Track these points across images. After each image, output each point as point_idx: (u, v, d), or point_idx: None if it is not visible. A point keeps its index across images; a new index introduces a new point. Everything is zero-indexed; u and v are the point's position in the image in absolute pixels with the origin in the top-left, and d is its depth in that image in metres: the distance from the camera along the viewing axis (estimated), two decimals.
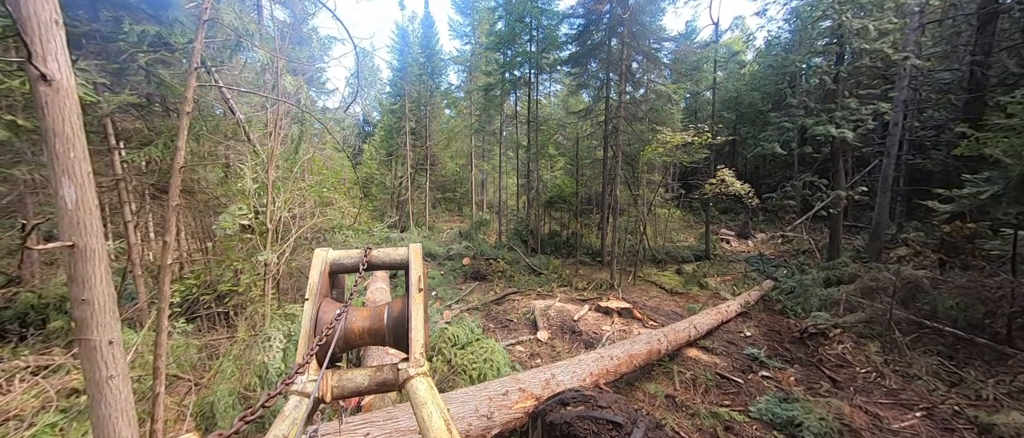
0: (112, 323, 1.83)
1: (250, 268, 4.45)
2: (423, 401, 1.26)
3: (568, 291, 9.23)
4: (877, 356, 5.47)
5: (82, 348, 1.75)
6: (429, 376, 1.38)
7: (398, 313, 1.51)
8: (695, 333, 6.03)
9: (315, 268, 1.56)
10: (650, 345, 4.99)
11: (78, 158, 1.63)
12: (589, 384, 3.98)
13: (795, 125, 10.77)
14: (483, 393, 3.19)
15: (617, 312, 7.22)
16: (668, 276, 11.25)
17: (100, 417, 1.84)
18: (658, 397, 4.60)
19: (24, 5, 1.44)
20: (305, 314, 1.45)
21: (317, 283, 1.51)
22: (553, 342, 6.36)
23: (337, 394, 1.38)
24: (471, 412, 2.90)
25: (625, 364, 4.50)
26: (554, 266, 11.58)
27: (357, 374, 1.43)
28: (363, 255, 1.61)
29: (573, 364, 4.09)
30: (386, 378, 1.40)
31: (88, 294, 1.72)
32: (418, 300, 1.47)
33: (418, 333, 1.42)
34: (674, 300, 8.95)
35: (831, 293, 7.63)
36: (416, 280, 1.51)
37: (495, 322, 7.36)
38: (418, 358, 1.38)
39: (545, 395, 3.46)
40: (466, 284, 10.13)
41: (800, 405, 4.15)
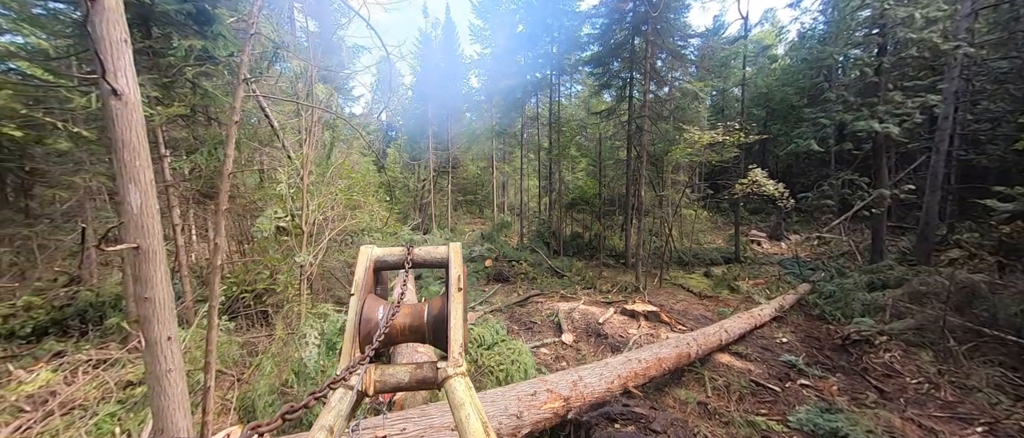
0: (170, 320, 1.96)
1: (287, 269, 4.64)
2: (461, 402, 1.26)
3: (592, 294, 9.12)
4: (930, 366, 5.12)
5: (145, 343, 1.88)
6: (467, 377, 1.38)
7: (438, 312, 1.51)
8: (727, 338, 5.83)
9: (361, 264, 1.58)
10: (679, 349, 4.85)
11: (142, 166, 1.76)
12: (617, 388, 3.91)
13: (832, 121, 10.24)
14: (512, 393, 3.21)
15: (644, 315, 7.07)
16: (696, 279, 10.92)
17: (159, 408, 1.97)
18: (690, 404, 4.47)
19: (99, 25, 1.57)
20: (351, 309, 1.47)
21: (362, 279, 1.54)
22: (578, 345, 6.29)
23: (379, 388, 1.40)
24: (501, 411, 2.93)
25: (653, 368, 4.41)
26: (577, 268, 11.47)
27: (398, 370, 1.45)
28: (407, 253, 1.63)
29: (600, 367, 4.04)
30: (426, 376, 1.42)
31: (150, 293, 1.85)
32: (458, 299, 1.47)
33: (457, 333, 1.42)
34: (703, 304, 8.67)
35: (875, 298, 7.19)
36: (456, 279, 1.51)
37: (519, 324, 7.36)
38: (457, 358, 1.38)
39: (573, 397, 3.44)
40: (489, 286, 10.19)
41: (845, 416, 3.93)
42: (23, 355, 6.01)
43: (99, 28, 1.57)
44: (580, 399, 3.49)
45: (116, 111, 1.63)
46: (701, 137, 8.12)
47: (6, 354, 5.93)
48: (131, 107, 1.67)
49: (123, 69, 1.63)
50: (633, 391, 4.12)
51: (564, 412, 3.34)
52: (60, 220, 10.63)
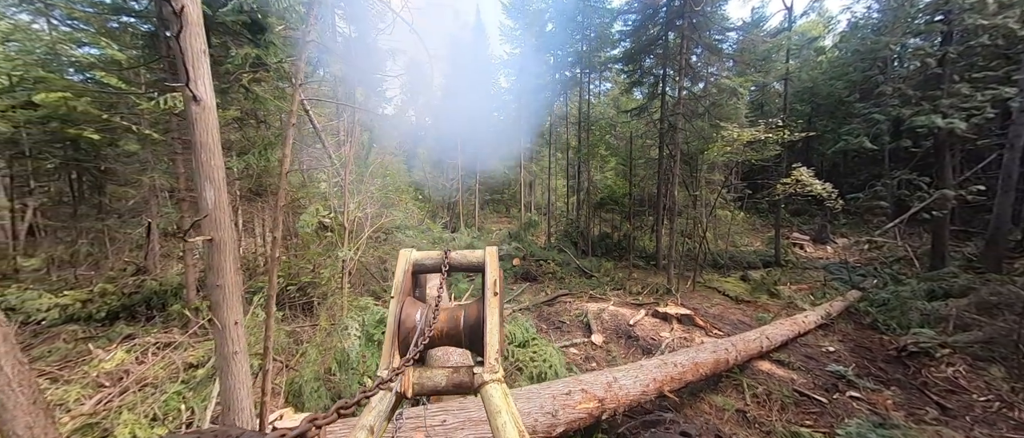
0: (237, 306, 2.13)
1: (330, 263, 4.90)
2: (497, 409, 1.26)
3: (621, 295, 8.97)
4: (1003, 383, 4.68)
5: (215, 327, 2.06)
6: (504, 383, 1.38)
7: (474, 316, 1.52)
8: (768, 344, 5.59)
9: (400, 268, 1.60)
10: (717, 354, 4.70)
11: (217, 166, 1.93)
12: (652, 391, 3.85)
13: (887, 116, 9.51)
14: (547, 392, 3.25)
15: (676, 319, 6.88)
16: (732, 282, 10.49)
17: (226, 386, 2.15)
18: (727, 411, 4.33)
19: (184, 38, 1.74)
20: (391, 312, 1.50)
21: (401, 282, 1.56)
22: (608, 346, 6.22)
23: (417, 391, 1.42)
24: (537, 409, 2.98)
25: (690, 372, 4.29)
26: (606, 269, 11.32)
27: (436, 373, 1.47)
28: (444, 257, 1.64)
29: (635, 369, 3.99)
30: (462, 380, 1.43)
31: (221, 281, 2.03)
32: (494, 304, 1.46)
33: (493, 338, 1.41)
34: (740, 308, 8.33)
35: (936, 307, 6.64)
36: (491, 283, 1.50)
37: (547, 323, 7.37)
38: (493, 364, 1.38)
39: (607, 398, 3.44)
40: (517, 285, 10.24)
41: (901, 432, 3.67)
42: (99, 336, 6.66)
43: (184, 41, 1.74)
44: (615, 400, 3.48)
45: (196, 115, 1.81)
46: (740, 134, 7.78)
47: (86, 335, 6.60)
48: (208, 112, 1.84)
49: (202, 78, 1.80)
50: (668, 395, 4.04)
51: (598, 413, 3.33)
52: (127, 215, 11.69)
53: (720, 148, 8.60)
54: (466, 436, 2.53)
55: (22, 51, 8.66)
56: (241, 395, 2.19)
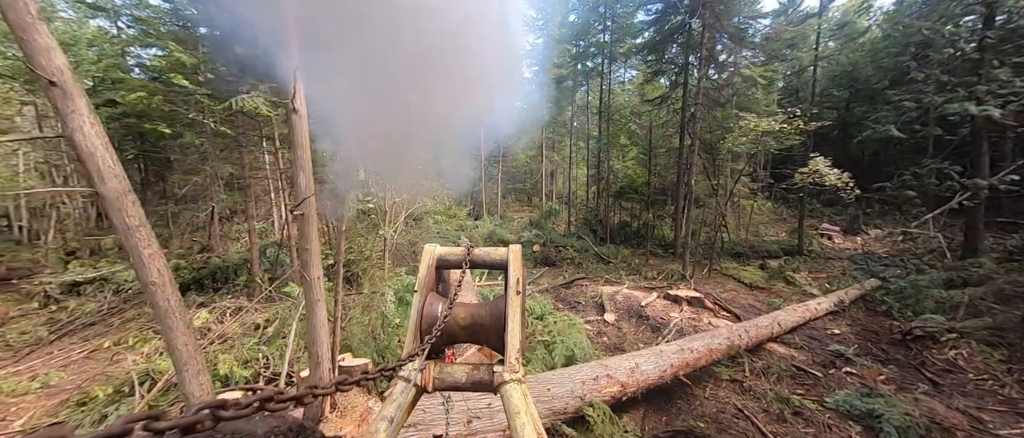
0: (318, 265, 2.81)
1: (371, 242, 5.62)
2: (517, 410, 1.25)
3: (636, 279, 9.37)
4: (1001, 364, 4.86)
5: (305, 280, 2.75)
6: (524, 383, 1.37)
7: (496, 314, 1.52)
8: (779, 329, 5.79)
9: (424, 262, 1.61)
10: (730, 340, 4.95)
11: (307, 160, 2.58)
12: (669, 375, 4.12)
13: (919, 103, 9.26)
14: (577, 376, 3.55)
15: (686, 301, 7.26)
16: (750, 271, 10.62)
17: (311, 326, 2.85)
18: (723, 378, 4.77)
19: (283, 64, 2.37)
20: (413, 306, 1.51)
21: (425, 277, 1.57)
22: (619, 324, 6.72)
23: (437, 385, 1.44)
24: (568, 392, 3.31)
25: (705, 358, 4.54)
26: (623, 255, 11.69)
27: (456, 370, 1.48)
28: (466, 253, 1.66)
29: (655, 355, 4.24)
30: (482, 378, 1.43)
31: (309, 245, 2.70)
32: (516, 303, 1.45)
33: (515, 337, 1.40)
34: (753, 295, 8.57)
35: (952, 295, 6.70)
36: (514, 282, 1.49)
37: (564, 303, 7.91)
38: (513, 363, 1.36)
39: (630, 383, 3.70)
40: (537, 269, 10.82)
41: (884, 400, 4.01)
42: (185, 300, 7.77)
43: (283, 65, 2.37)
44: (636, 384, 3.71)
45: (294, 123, 2.45)
46: (757, 125, 7.90)
47: (184, 298, 7.71)
48: (302, 120, 2.47)
49: (299, 92, 2.43)
50: (684, 379, 4.28)
51: (620, 395, 3.60)
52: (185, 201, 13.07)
53: (735, 138, 8.72)
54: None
55: (103, 55, 9.86)
56: (321, 334, 2.88)
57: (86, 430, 3.61)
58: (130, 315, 7.34)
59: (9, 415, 4.16)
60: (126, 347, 5.30)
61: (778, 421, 3.96)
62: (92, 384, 4.45)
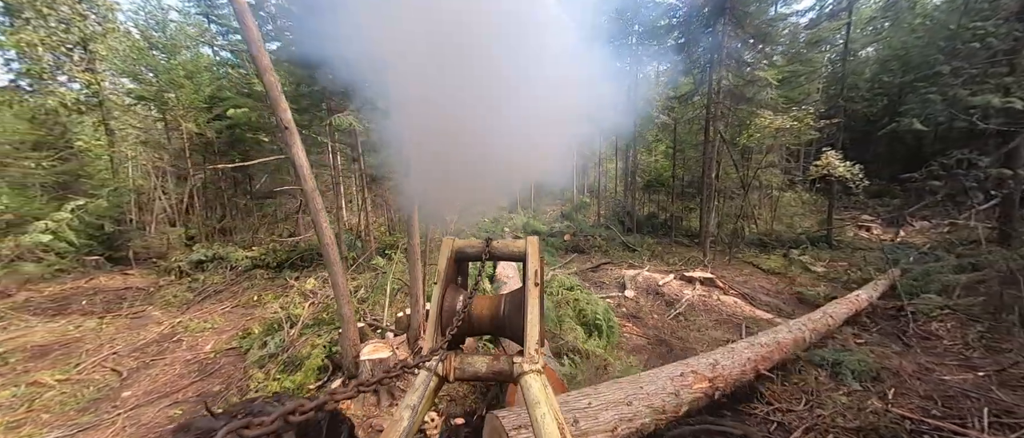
0: (417, 236, 4.24)
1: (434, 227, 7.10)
2: (536, 400, 1.24)
3: (657, 264, 10.33)
4: (978, 336, 5.52)
5: (410, 246, 4.19)
6: (543, 374, 1.36)
7: (514, 305, 1.54)
8: (832, 323, 5.69)
9: (443, 255, 1.64)
10: (793, 334, 4.95)
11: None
12: (750, 370, 4.07)
13: (945, 97, 9.41)
14: (664, 374, 3.51)
15: (700, 281, 8.20)
16: (773, 259, 11.18)
17: (413, 277, 4.30)
18: (720, 341, 5.80)
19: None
20: (433, 297, 1.54)
21: (444, 269, 1.60)
22: (638, 299, 7.81)
23: (458, 375, 1.46)
24: (660, 390, 3.23)
25: (776, 352, 4.53)
26: (648, 244, 12.60)
27: (476, 360, 1.49)
28: (485, 245, 1.67)
29: (728, 352, 4.18)
30: (502, 369, 1.44)
31: (413, 224, 4.14)
32: (534, 294, 1.45)
33: (533, 329, 1.40)
34: (768, 279, 9.29)
35: (958, 279, 7.19)
36: (532, 274, 1.50)
37: (590, 283, 9.08)
38: (532, 354, 1.37)
39: (716, 377, 3.66)
40: (567, 255, 12.02)
41: (856, 357, 4.90)
42: (276, 278, 9.76)
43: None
44: (722, 380, 3.69)
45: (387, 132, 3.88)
46: (771, 121, 8.56)
47: (268, 277, 9.72)
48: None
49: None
50: (764, 373, 4.16)
51: (711, 392, 3.53)
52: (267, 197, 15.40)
53: (750, 135, 9.38)
54: (611, 417, 2.73)
55: (214, 77, 12.15)
56: (418, 287, 4.33)
57: (256, 352, 5.32)
58: (245, 285, 9.40)
59: (198, 344, 6.05)
60: (262, 302, 7.18)
61: None
62: (248, 324, 6.28)
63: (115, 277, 10.63)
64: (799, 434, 3.44)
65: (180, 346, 5.98)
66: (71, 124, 13.74)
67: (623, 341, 5.66)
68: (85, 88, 13.31)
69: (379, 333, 5.02)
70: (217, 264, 10.59)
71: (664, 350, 5.50)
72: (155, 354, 5.73)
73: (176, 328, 6.69)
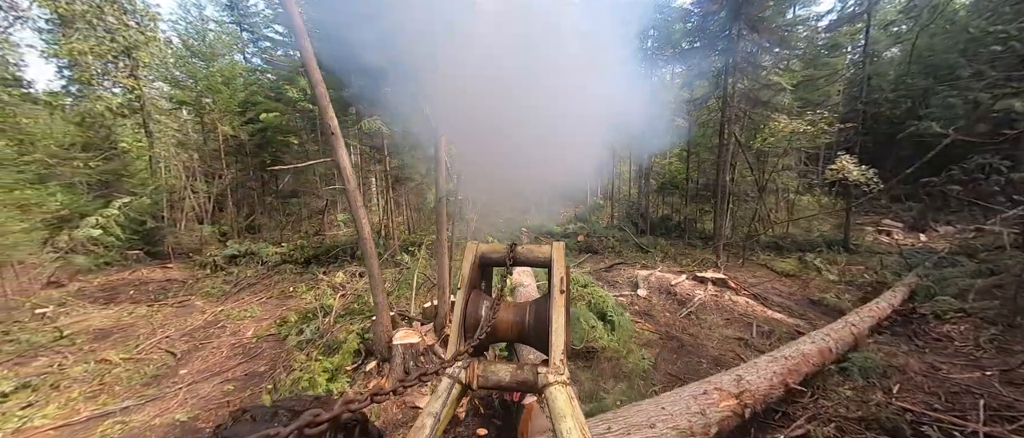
0: (445, 231, 4.62)
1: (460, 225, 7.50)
2: (562, 414, 1.22)
3: (670, 265, 10.50)
4: (990, 338, 5.59)
5: (438, 240, 4.57)
6: (569, 385, 1.35)
7: (540, 313, 1.50)
8: (857, 332, 5.43)
9: (467, 260, 1.61)
10: (817, 344, 4.73)
11: (442, 174, 4.38)
12: (778, 384, 3.86)
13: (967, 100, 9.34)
14: (686, 393, 3.35)
15: (712, 281, 8.36)
16: (789, 262, 11.21)
17: (441, 267, 4.68)
18: (731, 337, 6.01)
19: (429, 128, 4.17)
20: (457, 303, 1.51)
21: (468, 274, 1.57)
22: (650, 298, 8.04)
23: (481, 383, 1.43)
24: (684, 410, 3.06)
25: (802, 364, 4.32)
26: (661, 246, 12.75)
27: (500, 368, 1.46)
28: (509, 251, 1.64)
29: (752, 367, 4.03)
30: (526, 378, 1.42)
31: (441, 220, 4.52)
32: (560, 302, 1.44)
33: (559, 338, 1.39)
34: (780, 281, 9.37)
35: (973, 283, 7.19)
36: (558, 281, 1.48)
37: (603, 282, 9.33)
38: (558, 365, 1.35)
39: (743, 393, 3.46)
40: (580, 256, 12.27)
41: (855, 352, 5.06)
42: (305, 273, 10.31)
43: (433, 126, 4.17)
44: (751, 397, 3.47)
45: (440, 156, 4.25)
46: (785, 125, 8.67)
47: (301, 269, 10.29)
48: (441, 154, 4.27)
49: (443, 144, 4.22)
50: (794, 387, 3.93)
51: (740, 411, 3.32)
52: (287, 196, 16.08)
53: (763, 138, 9.48)
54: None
55: (246, 83, 12.88)
56: (445, 272, 4.70)
57: (294, 337, 5.78)
58: (276, 278, 9.97)
59: (240, 330, 6.57)
60: (297, 294, 7.70)
61: None
62: (284, 313, 6.78)
63: (156, 270, 11.39)
64: (801, 422, 3.67)
65: (224, 332, 6.51)
66: (115, 127, 14.68)
67: (635, 336, 5.92)
68: (128, 93, 14.24)
69: (407, 322, 5.41)
70: (249, 259, 11.24)
71: (675, 345, 5.75)
72: (202, 338, 6.26)
73: (218, 316, 7.24)
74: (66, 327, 6.53)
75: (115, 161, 14.31)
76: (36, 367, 5.22)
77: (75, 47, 12.94)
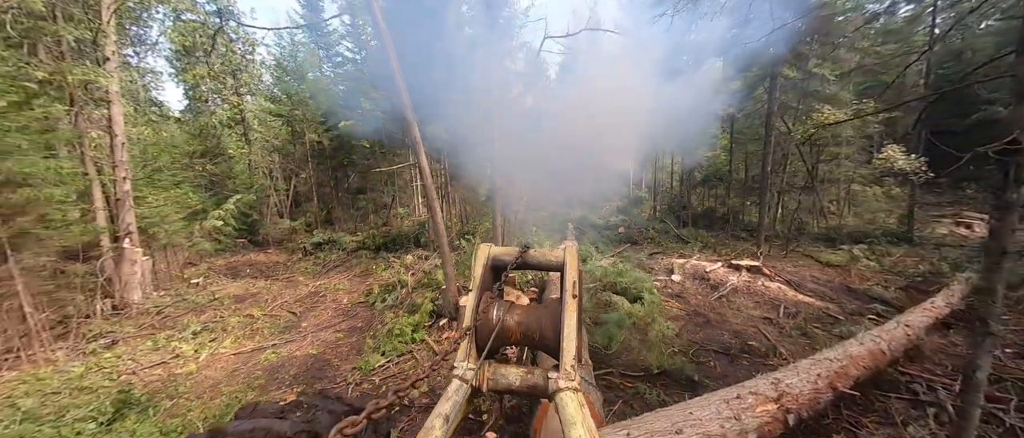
0: (499, 222, 5.76)
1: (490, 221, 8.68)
2: (572, 420, 1.22)
3: (708, 254, 10.88)
4: None
5: (494, 227, 5.72)
6: (580, 391, 1.34)
7: (552, 317, 1.51)
8: (910, 333, 5.01)
9: (478, 262, 1.64)
10: (868, 346, 4.34)
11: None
12: (824, 388, 3.53)
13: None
14: (715, 398, 3.14)
15: (746, 268, 8.75)
16: (838, 254, 11.03)
17: None
18: (758, 317, 6.56)
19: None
20: (468, 306, 1.54)
21: (480, 276, 1.61)
22: (683, 282, 8.64)
23: (491, 386, 1.46)
24: (714, 415, 2.88)
25: (851, 366, 3.96)
26: (702, 237, 13.02)
27: (510, 371, 1.48)
28: (520, 254, 1.64)
29: (792, 371, 3.72)
30: (536, 383, 1.42)
31: (496, 220, 5.66)
32: (571, 307, 1.41)
33: (570, 343, 1.36)
34: (824, 271, 9.44)
35: None
36: (570, 286, 1.46)
37: (640, 269, 10.00)
38: (569, 370, 1.34)
39: (783, 398, 3.19)
40: (620, 246, 12.94)
41: None
42: (377, 257, 12.05)
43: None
44: (792, 400, 3.21)
45: None
46: (827, 116, 8.71)
47: (377, 256, 12.04)
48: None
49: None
50: (840, 390, 3.61)
51: (783, 416, 3.09)
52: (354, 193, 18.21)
53: (805, 130, 9.49)
54: None
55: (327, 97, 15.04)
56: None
57: (380, 304, 7.28)
58: (354, 261, 11.84)
59: (338, 298, 8.27)
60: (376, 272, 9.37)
61: (784, 336, 5.76)
62: (368, 286, 8.41)
63: (260, 254, 13.86)
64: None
65: (325, 299, 8.25)
66: (223, 136, 17.70)
67: (664, 312, 6.67)
68: (233, 108, 17.14)
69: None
70: (331, 246, 13.32)
71: (701, 321, 6.44)
72: (311, 304, 8.03)
73: (318, 288, 9.07)
74: (215, 293, 8.65)
75: (223, 165, 17.29)
76: (205, 318, 7.19)
77: (197, 72, 15.93)
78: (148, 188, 10.12)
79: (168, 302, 7.95)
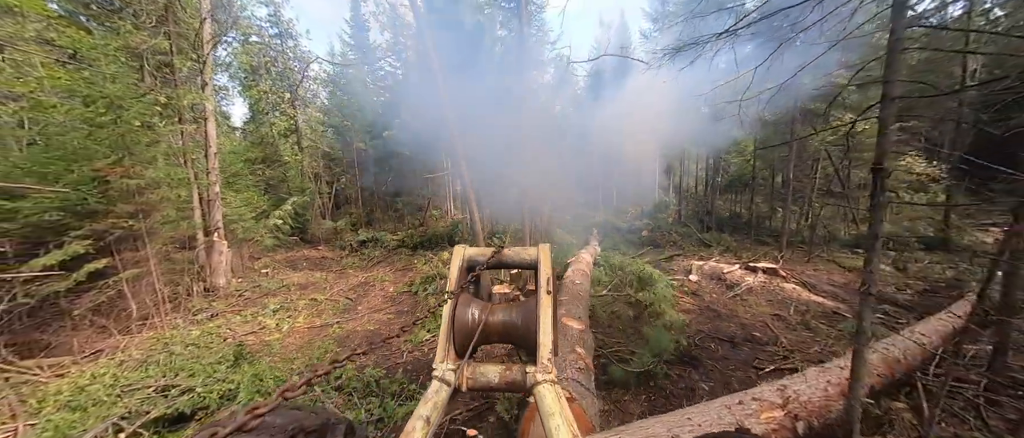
0: (529, 226, 6.66)
1: None
2: (550, 411, 1.25)
3: (728, 257, 11.24)
4: None
5: (523, 227, 6.63)
6: (557, 384, 1.37)
7: (529, 315, 1.55)
8: (926, 341, 4.81)
9: (455, 264, 1.67)
10: (879, 354, 4.11)
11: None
12: (835, 395, 3.32)
13: None
14: (716, 404, 3.07)
15: (763, 270, 9.14)
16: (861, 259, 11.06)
17: None
18: (767, 314, 7.06)
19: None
20: (445, 308, 1.56)
21: (456, 278, 1.65)
22: (700, 282, 9.15)
23: (471, 385, 1.48)
24: (715, 420, 2.79)
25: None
26: (724, 241, 13.31)
27: (489, 370, 1.51)
28: (495, 254, 1.69)
29: (800, 378, 3.59)
30: (515, 379, 1.46)
31: (524, 225, 6.57)
32: (546, 303, 1.45)
33: (546, 338, 1.41)
34: (843, 275, 9.62)
35: None
36: (544, 282, 1.51)
37: (660, 270, 10.56)
38: (545, 364, 1.37)
39: (789, 405, 3.09)
40: (643, 248, 13.47)
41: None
42: (415, 254, 13.24)
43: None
44: (801, 407, 3.08)
45: None
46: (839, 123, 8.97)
47: (415, 253, 13.25)
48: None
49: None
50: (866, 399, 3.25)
51: (791, 424, 2.96)
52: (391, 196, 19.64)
53: (822, 137, 9.72)
54: None
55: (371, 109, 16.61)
56: None
57: (422, 293, 8.35)
58: (395, 258, 13.10)
59: (384, 288, 9.45)
60: (416, 266, 10.53)
61: (788, 329, 6.27)
62: (411, 278, 9.55)
63: (312, 251, 15.46)
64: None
65: (374, 289, 9.45)
66: (280, 144, 19.74)
67: (676, 306, 7.29)
68: (289, 120, 19.12)
69: (498, 281, 7.59)
70: (374, 244, 14.71)
71: (711, 315, 7.02)
72: (362, 292, 9.25)
73: (366, 280, 10.32)
74: (282, 280, 10.09)
75: (278, 170, 19.27)
76: (278, 300, 8.54)
77: (261, 88, 18.00)
78: (226, 190, 11.82)
79: (246, 287, 9.41)
